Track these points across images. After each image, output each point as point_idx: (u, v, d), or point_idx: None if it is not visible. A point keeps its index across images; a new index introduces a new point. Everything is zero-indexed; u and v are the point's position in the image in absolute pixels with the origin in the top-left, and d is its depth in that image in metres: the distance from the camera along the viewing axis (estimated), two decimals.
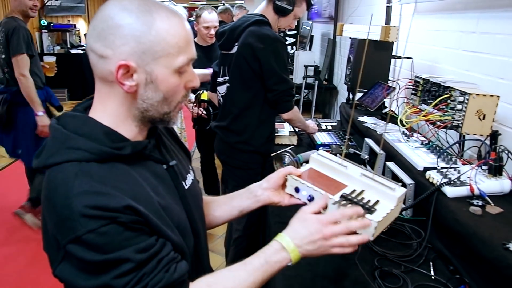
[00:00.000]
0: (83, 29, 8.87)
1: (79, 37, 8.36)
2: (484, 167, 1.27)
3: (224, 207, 1.03)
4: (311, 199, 0.87)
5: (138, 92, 0.73)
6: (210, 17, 2.78)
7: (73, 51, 7.39)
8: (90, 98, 0.81)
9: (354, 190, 0.85)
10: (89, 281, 0.65)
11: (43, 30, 7.18)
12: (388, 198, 0.82)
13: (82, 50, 7.50)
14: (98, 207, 0.64)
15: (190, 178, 0.90)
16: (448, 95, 1.39)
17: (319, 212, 0.82)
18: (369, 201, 0.81)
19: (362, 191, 0.85)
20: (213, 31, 2.77)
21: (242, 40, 1.82)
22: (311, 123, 2.14)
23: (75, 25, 8.19)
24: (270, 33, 1.78)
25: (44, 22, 7.21)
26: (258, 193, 0.97)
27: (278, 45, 1.77)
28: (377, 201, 0.82)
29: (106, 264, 0.65)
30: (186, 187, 0.86)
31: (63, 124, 0.73)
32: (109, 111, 0.75)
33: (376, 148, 1.65)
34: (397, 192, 0.82)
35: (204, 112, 2.79)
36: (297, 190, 0.90)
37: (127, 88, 0.72)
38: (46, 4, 7.38)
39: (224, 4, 4.28)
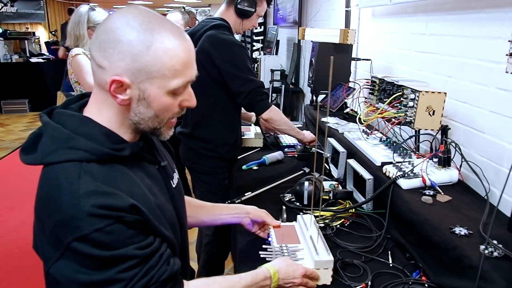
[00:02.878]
0: (44, 37, 8.57)
1: (39, 45, 8.07)
2: (435, 160, 1.35)
3: (212, 215, 1.17)
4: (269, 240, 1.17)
5: (131, 106, 0.75)
6: (173, 18, 2.77)
7: (33, 60, 7.11)
8: (83, 95, 0.82)
9: (297, 245, 1.11)
10: (92, 276, 0.67)
11: None
12: (311, 259, 1.03)
13: (43, 59, 7.24)
14: (104, 206, 0.67)
15: (176, 177, 0.95)
16: (401, 93, 1.47)
17: None
18: (295, 255, 1.05)
19: (301, 249, 1.09)
20: None
21: (199, 45, 1.78)
22: (306, 132, 2.02)
23: (34, 32, 7.90)
24: (226, 38, 1.76)
25: None
26: (244, 219, 1.19)
27: (234, 49, 1.74)
28: (301, 258, 1.05)
29: (113, 260, 0.68)
30: (174, 186, 0.91)
31: (61, 122, 0.73)
32: (104, 116, 0.77)
33: (338, 147, 1.72)
34: (320, 256, 1.01)
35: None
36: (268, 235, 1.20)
37: (120, 101, 0.73)
38: (1, 11, 7.09)
39: (184, 9, 4.25)
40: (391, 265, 1.12)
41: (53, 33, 8.76)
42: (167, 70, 0.72)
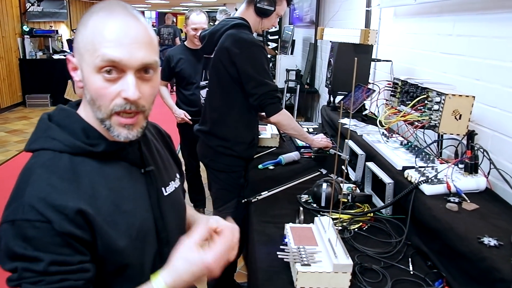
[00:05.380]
0: (66, 35, 8.77)
1: (61, 42, 8.26)
2: (460, 166, 1.30)
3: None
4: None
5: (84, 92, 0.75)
6: (198, 19, 2.74)
7: (56, 56, 7.32)
8: None
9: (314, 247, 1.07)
10: (5, 265, 0.67)
11: (25, 36, 7.09)
12: (329, 262, 0.99)
13: (65, 55, 7.42)
14: (46, 201, 0.66)
15: (173, 185, 0.90)
16: (425, 96, 1.42)
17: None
18: (313, 257, 1.00)
19: (319, 251, 1.04)
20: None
21: (219, 44, 1.80)
22: (318, 138, 1.95)
23: (57, 30, 8.09)
24: (246, 37, 1.76)
25: (26, 28, 7.11)
26: None
27: (254, 49, 1.74)
28: (320, 261, 1.00)
29: (23, 257, 0.66)
30: (166, 194, 0.86)
31: (50, 115, 0.77)
32: (86, 111, 0.77)
33: (357, 149, 1.67)
34: (339, 260, 0.97)
35: (189, 118, 2.77)
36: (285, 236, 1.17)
37: (77, 83, 0.75)
38: (28, 10, 7.27)
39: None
40: (411, 272, 1.08)
41: (74, 31, 8.92)
42: (94, 45, 0.69)
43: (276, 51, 4.66)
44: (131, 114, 0.73)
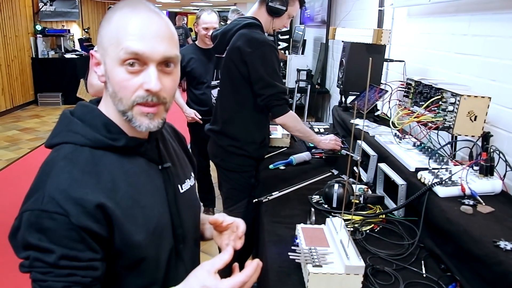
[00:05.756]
0: (77, 34, 8.87)
1: (73, 42, 8.36)
2: (475, 168, 1.27)
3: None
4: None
5: (107, 86, 0.77)
6: (209, 18, 2.74)
7: (68, 55, 7.40)
8: None
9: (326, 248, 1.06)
10: (20, 254, 0.69)
11: (38, 35, 7.19)
12: (341, 263, 0.98)
13: (76, 55, 7.51)
14: (66, 192, 0.67)
15: (188, 183, 0.91)
16: (439, 97, 1.40)
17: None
18: (324, 259, 1.00)
19: (331, 252, 1.03)
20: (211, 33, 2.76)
21: (231, 43, 1.80)
22: (326, 139, 1.92)
23: (69, 30, 8.19)
24: (258, 36, 1.76)
25: (38, 27, 7.21)
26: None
27: (266, 49, 1.73)
28: (331, 262, 0.99)
29: (36, 247, 0.67)
30: (182, 191, 0.87)
31: (72, 111, 0.78)
32: (108, 106, 0.78)
33: (369, 150, 1.66)
34: (351, 261, 0.96)
35: (199, 117, 2.78)
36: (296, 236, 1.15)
37: (99, 77, 0.76)
38: (41, 10, 7.37)
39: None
40: (424, 275, 1.06)
41: (86, 30, 9.04)
42: (114, 39, 0.72)
43: (288, 51, 4.66)
44: (152, 105, 0.75)
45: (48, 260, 0.66)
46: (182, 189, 0.88)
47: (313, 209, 1.33)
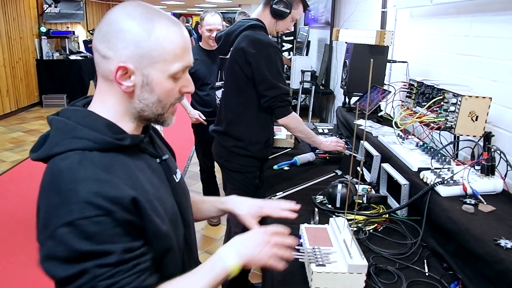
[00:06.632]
0: (82, 36, 8.93)
1: (78, 43, 8.40)
2: (477, 167, 1.29)
3: (213, 208, 1.14)
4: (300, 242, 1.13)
5: (135, 93, 0.78)
6: (213, 20, 2.75)
7: (72, 57, 7.43)
8: (87, 97, 0.86)
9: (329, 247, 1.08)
10: (67, 271, 0.66)
11: (43, 37, 7.23)
12: (344, 263, 1.00)
13: (81, 56, 7.54)
14: (101, 194, 0.67)
15: (179, 173, 0.96)
16: (441, 97, 1.42)
17: None
18: (328, 258, 1.02)
19: (334, 252, 1.06)
20: (215, 34, 2.78)
21: (235, 44, 1.82)
22: (327, 140, 1.95)
23: (73, 31, 8.25)
24: (263, 38, 1.77)
25: (43, 29, 7.25)
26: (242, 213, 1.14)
27: (270, 50, 1.75)
28: (335, 261, 1.01)
29: (92, 254, 0.66)
30: (177, 181, 0.92)
31: (66, 116, 0.77)
32: (107, 106, 0.79)
33: (372, 150, 1.68)
34: (354, 260, 0.98)
35: (204, 118, 2.80)
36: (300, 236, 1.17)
37: (125, 88, 0.76)
38: (46, 11, 7.43)
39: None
40: (427, 274, 1.08)
41: (90, 32, 9.09)
42: (168, 55, 0.76)
43: (292, 52, 4.67)
44: None
45: (110, 261, 0.66)
46: (177, 178, 0.92)
47: (316, 209, 1.34)
